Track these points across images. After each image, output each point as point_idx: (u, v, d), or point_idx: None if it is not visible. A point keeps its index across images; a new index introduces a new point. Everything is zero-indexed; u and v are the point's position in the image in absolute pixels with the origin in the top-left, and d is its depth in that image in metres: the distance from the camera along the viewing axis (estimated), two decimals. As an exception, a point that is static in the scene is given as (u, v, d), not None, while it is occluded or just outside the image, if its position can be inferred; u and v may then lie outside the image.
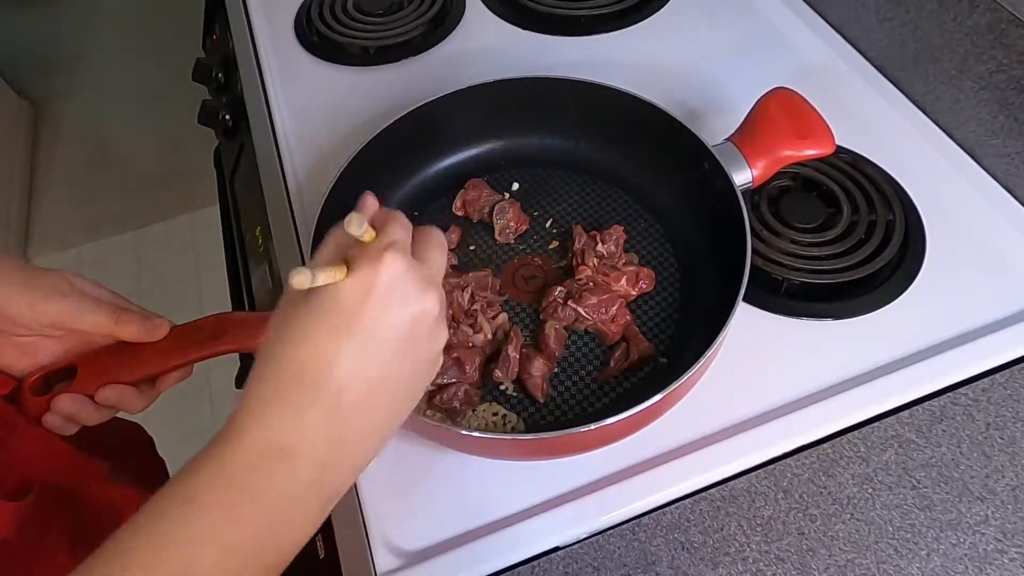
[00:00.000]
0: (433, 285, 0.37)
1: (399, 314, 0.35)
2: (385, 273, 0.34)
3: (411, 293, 0.35)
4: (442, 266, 0.39)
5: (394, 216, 0.38)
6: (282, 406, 0.33)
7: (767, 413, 0.55)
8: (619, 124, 0.66)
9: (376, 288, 0.34)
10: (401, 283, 0.35)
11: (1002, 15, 0.62)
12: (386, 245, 0.35)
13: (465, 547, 0.50)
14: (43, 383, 0.47)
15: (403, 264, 0.35)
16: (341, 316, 0.33)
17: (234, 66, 0.88)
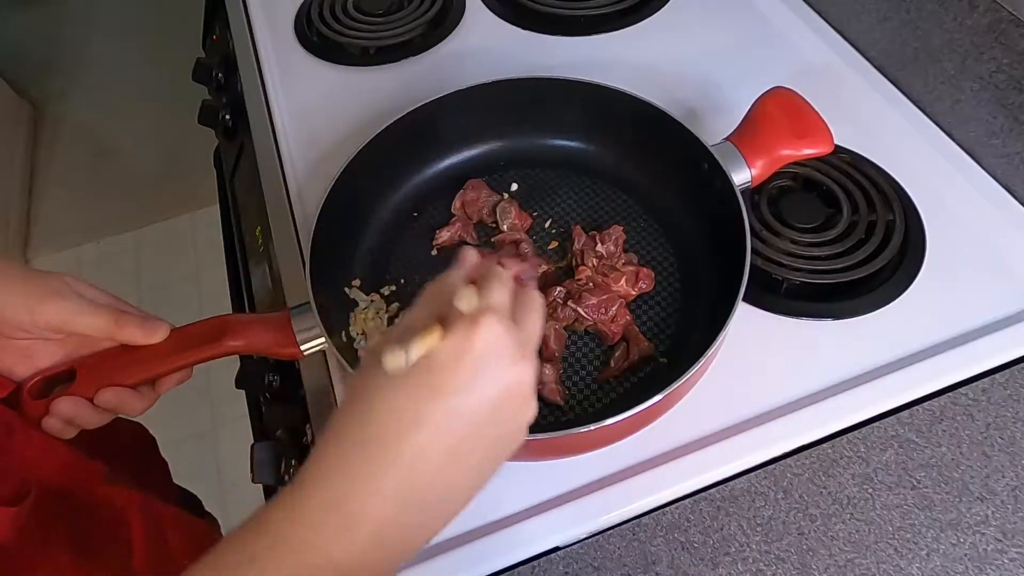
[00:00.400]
0: (529, 354, 0.35)
1: (492, 382, 0.33)
2: (482, 338, 0.32)
3: (505, 361, 0.33)
4: (539, 332, 0.37)
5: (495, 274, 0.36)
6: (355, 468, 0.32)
7: (767, 413, 0.55)
8: (618, 124, 0.66)
9: (471, 353, 0.32)
10: (496, 349, 0.33)
11: (1002, 15, 0.62)
12: (485, 307, 0.33)
13: (465, 547, 0.50)
14: (42, 386, 0.47)
15: (501, 329, 0.33)
16: (430, 378, 0.32)
17: (234, 66, 0.88)
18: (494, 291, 0.35)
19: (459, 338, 0.32)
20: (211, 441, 1.60)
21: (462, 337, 0.32)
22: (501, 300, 0.35)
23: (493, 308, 0.34)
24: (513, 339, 0.34)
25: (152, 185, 2.11)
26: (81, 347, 0.48)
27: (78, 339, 0.47)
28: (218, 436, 1.61)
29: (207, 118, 0.93)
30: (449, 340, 0.32)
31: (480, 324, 0.33)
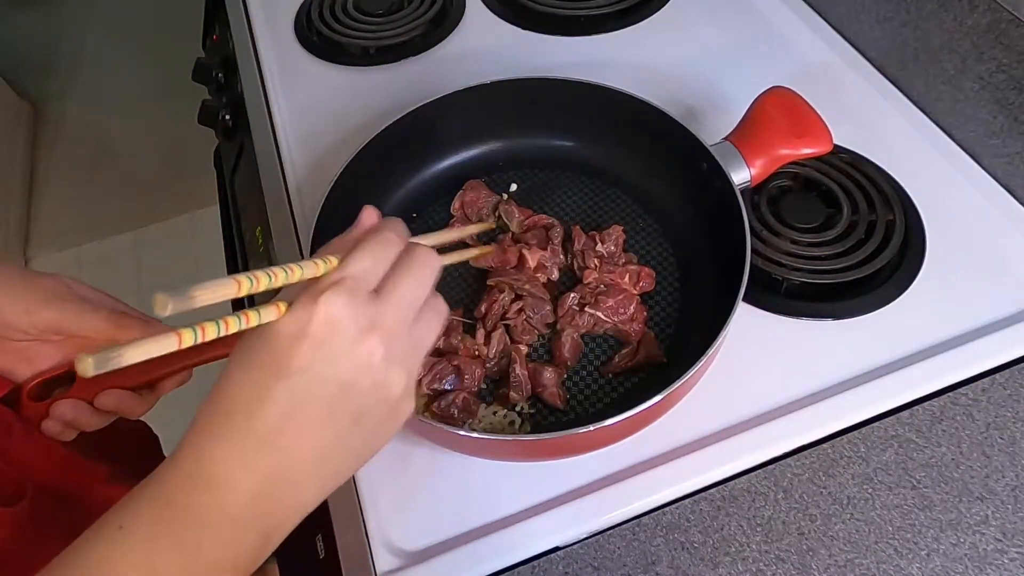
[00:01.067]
0: (375, 329, 0.33)
1: (334, 361, 0.33)
2: (317, 316, 0.32)
3: (344, 342, 0.33)
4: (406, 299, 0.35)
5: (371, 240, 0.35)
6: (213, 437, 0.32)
7: (767, 413, 0.55)
8: (617, 124, 0.66)
9: (309, 331, 0.32)
10: (335, 328, 0.32)
11: (1002, 15, 0.62)
12: (332, 282, 0.33)
13: (465, 547, 0.50)
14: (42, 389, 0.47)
15: (340, 306, 0.32)
16: (271, 356, 0.32)
17: (234, 66, 0.88)
18: (356, 259, 0.34)
19: (296, 315, 0.32)
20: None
21: (300, 314, 0.32)
22: (360, 268, 0.34)
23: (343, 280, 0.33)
24: (358, 313, 0.33)
25: (152, 185, 2.11)
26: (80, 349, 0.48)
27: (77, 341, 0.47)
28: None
29: (207, 118, 0.93)
30: (287, 318, 0.32)
31: (318, 302, 0.32)
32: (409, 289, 0.35)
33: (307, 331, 0.32)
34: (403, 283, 0.35)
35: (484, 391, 0.57)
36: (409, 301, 0.35)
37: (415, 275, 0.36)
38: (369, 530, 0.51)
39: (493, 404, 0.56)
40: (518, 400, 0.55)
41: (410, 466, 0.54)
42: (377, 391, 0.34)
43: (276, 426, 0.32)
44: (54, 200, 2.13)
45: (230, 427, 0.32)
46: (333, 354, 0.32)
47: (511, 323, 0.58)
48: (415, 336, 0.36)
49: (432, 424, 0.49)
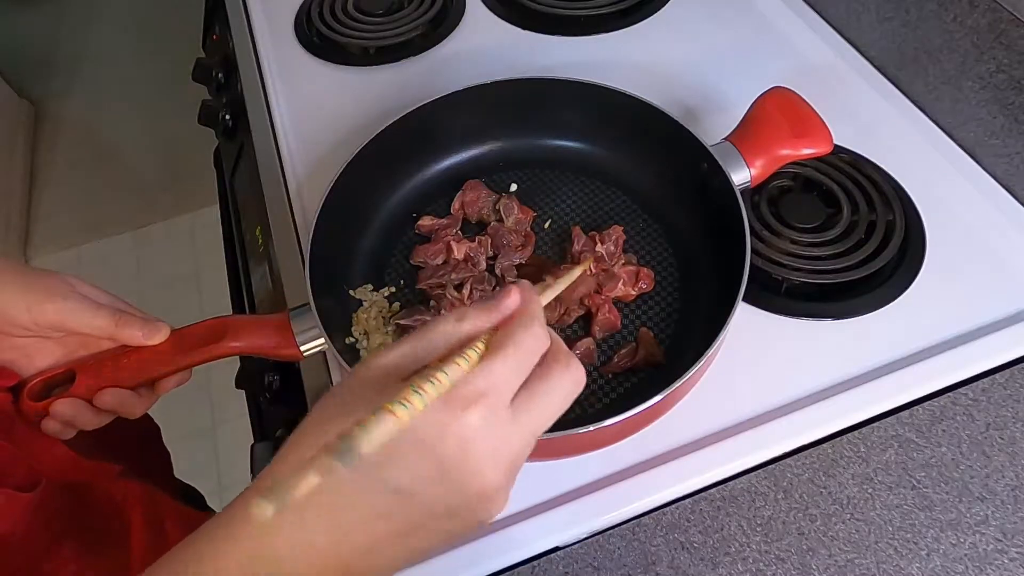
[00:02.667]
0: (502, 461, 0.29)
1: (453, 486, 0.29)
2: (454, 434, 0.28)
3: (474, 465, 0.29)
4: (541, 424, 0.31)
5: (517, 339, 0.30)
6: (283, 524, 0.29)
7: (767, 413, 0.55)
8: (617, 124, 0.66)
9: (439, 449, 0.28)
10: (467, 451, 0.28)
11: (1002, 15, 0.62)
12: (476, 393, 0.28)
13: (465, 547, 0.50)
14: (42, 388, 0.47)
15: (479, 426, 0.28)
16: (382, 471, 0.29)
17: (234, 66, 0.88)
18: (500, 366, 0.29)
19: (433, 421, 0.28)
20: (211, 441, 1.60)
21: (437, 421, 0.28)
22: (503, 381, 0.29)
23: (486, 393, 0.29)
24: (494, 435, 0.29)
25: (152, 185, 2.11)
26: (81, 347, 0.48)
27: (78, 339, 0.47)
28: (218, 436, 1.61)
29: (207, 118, 0.93)
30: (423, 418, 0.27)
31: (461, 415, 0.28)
32: (545, 414, 0.31)
33: (437, 449, 0.28)
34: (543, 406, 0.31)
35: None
36: (541, 426, 0.31)
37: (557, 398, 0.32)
38: (369, 530, 0.51)
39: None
40: None
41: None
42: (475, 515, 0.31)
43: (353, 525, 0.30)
44: (54, 200, 2.13)
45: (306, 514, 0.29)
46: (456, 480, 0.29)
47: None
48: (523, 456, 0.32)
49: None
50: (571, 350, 0.56)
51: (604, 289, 0.59)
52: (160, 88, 2.27)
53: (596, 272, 0.59)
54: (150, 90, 2.32)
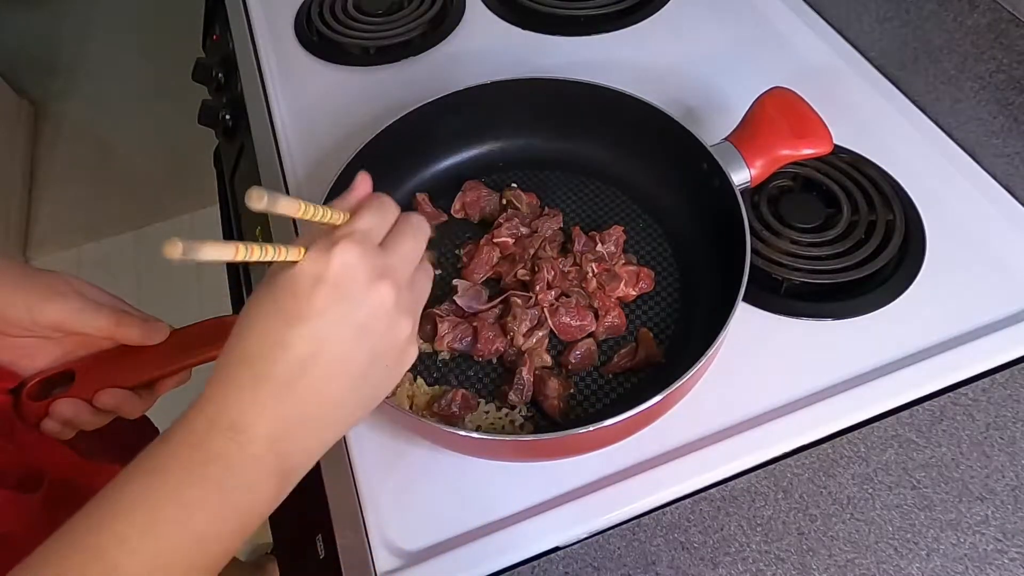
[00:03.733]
0: (388, 276, 0.36)
1: (349, 305, 0.35)
2: (335, 262, 0.34)
3: (361, 285, 0.35)
4: (409, 254, 0.39)
5: (374, 203, 0.39)
6: (234, 384, 0.34)
7: (767, 413, 0.55)
8: (617, 124, 0.66)
9: (325, 277, 0.34)
10: (350, 274, 0.35)
11: (1002, 15, 0.62)
12: (345, 233, 0.36)
13: (465, 547, 0.50)
14: (41, 388, 0.47)
15: (355, 254, 0.35)
16: (291, 301, 0.35)
17: (234, 66, 0.88)
18: (363, 216, 0.37)
19: (314, 262, 0.34)
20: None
21: (317, 261, 0.34)
22: (367, 225, 0.37)
23: (354, 233, 0.36)
24: (371, 262, 0.36)
25: (152, 185, 2.11)
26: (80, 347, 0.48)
27: (78, 338, 0.47)
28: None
29: (207, 118, 0.92)
30: (305, 263, 0.35)
31: (335, 250, 0.34)
32: (410, 246, 0.39)
33: (324, 276, 0.34)
34: (405, 241, 0.39)
35: (487, 385, 0.57)
36: (411, 257, 0.39)
37: (414, 235, 0.39)
38: (369, 530, 0.51)
39: (494, 401, 0.56)
40: (516, 403, 0.55)
41: (410, 466, 0.54)
42: (388, 335, 0.37)
43: (295, 371, 0.34)
44: (54, 200, 2.13)
45: (251, 374, 0.34)
46: (349, 298, 0.35)
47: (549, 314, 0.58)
48: (415, 290, 0.39)
49: (432, 424, 0.49)
50: (572, 350, 0.57)
51: (607, 289, 0.59)
52: (160, 88, 2.27)
53: (597, 272, 0.59)
54: (150, 90, 2.32)
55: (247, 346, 0.35)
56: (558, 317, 0.57)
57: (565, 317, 0.57)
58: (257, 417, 0.34)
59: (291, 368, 0.34)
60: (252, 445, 0.34)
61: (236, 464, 0.34)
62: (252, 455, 0.34)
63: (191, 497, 0.33)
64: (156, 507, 0.33)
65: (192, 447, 0.34)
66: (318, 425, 0.36)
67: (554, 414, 0.54)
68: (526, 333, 0.57)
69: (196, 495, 0.33)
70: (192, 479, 0.33)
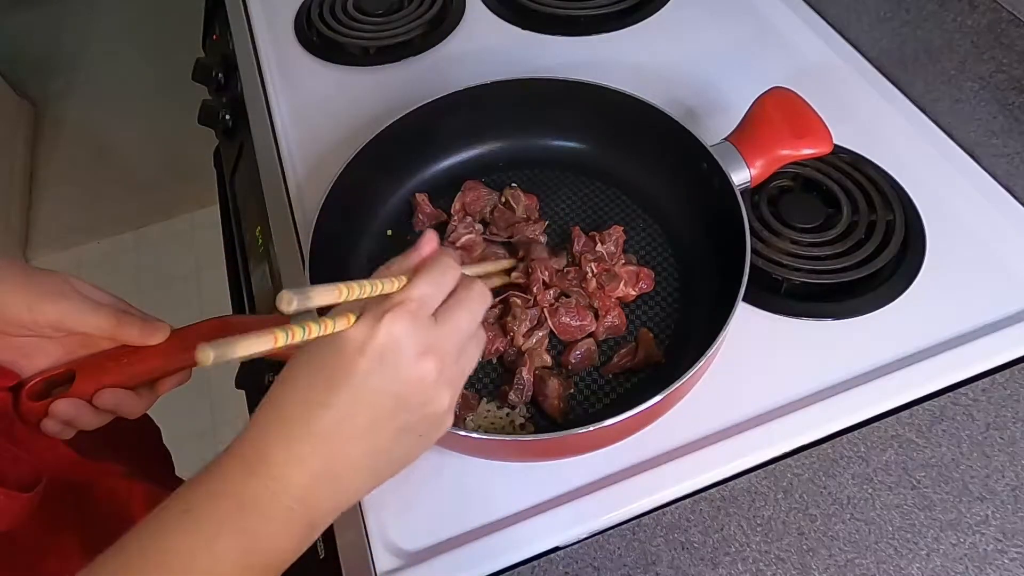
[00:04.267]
0: (434, 352, 0.36)
1: (391, 376, 0.35)
2: (381, 332, 0.35)
3: (404, 360, 0.35)
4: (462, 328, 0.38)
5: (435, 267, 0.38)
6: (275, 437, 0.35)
7: (767, 413, 0.55)
8: (617, 124, 0.66)
9: (369, 347, 0.35)
10: (396, 347, 0.35)
11: (1002, 15, 0.62)
12: (397, 303, 0.35)
13: (465, 547, 0.50)
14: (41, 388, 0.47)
15: (402, 327, 0.35)
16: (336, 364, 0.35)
17: (234, 66, 0.88)
18: (419, 284, 0.37)
19: (364, 328, 0.35)
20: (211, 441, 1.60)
21: (366, 327, 0.35)
22: (424, 293, 0.37)
23: (407, 302, 0.36)
24: (418, 337, 0.36)
25: (152, 185, 2.11)
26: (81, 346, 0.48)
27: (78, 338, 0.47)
28: (218, 436, 1.61)
29: (207, 118, 0.92)
30: (354, 330, 0.35)
31: (384, 319, 0.35)
32: (464, 320, 0.38)
33: (370, 345, 0.35)
34: (460, 314, 0.38)
35: (487, 385, 0.57)
36: (463, 331, 0.38)
37: (470, 308, 0.39)
38: (369, 530, 0.51)
39: (494, 401, 0.56)
40: (516, 403, 0.55)
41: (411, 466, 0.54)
42: (425, 408, 0.37)
43: (332, 429, 0.35)
44: (54, 200, 2.13)
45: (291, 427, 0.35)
46: (392, 369, 0.35)
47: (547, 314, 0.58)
48: (462, 362, 0.39)
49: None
50: (572, 350, 0.57)
51: (607, 289, 0.59)
52: (160, 88, 2.27)
53: (597, 272, 0.59)
54: (150, 90, 2.32)
55: (288, 403, 0.36)
56: (558, 317, 0.57)
57: (565, 317, 0.57)
58: (291, 469, 0.35)
59: (326, 427, 0.35)
60: (285, 496, 0.35)
61: (268, 513, 0.35)
62: (284, 506, 0.35)
63: (223, 547, 0.34)
64: (190, 556, 0.33)
65: (227, 495, 0.35)
66: (344, 483, 0.37)
67: (554, 414, 0.54)
68: (526, 333, 0.57)
69: (228, 545, 0.34)
70: (224, 528, 0.34)
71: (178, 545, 0.34)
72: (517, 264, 0.61)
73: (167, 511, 0.34)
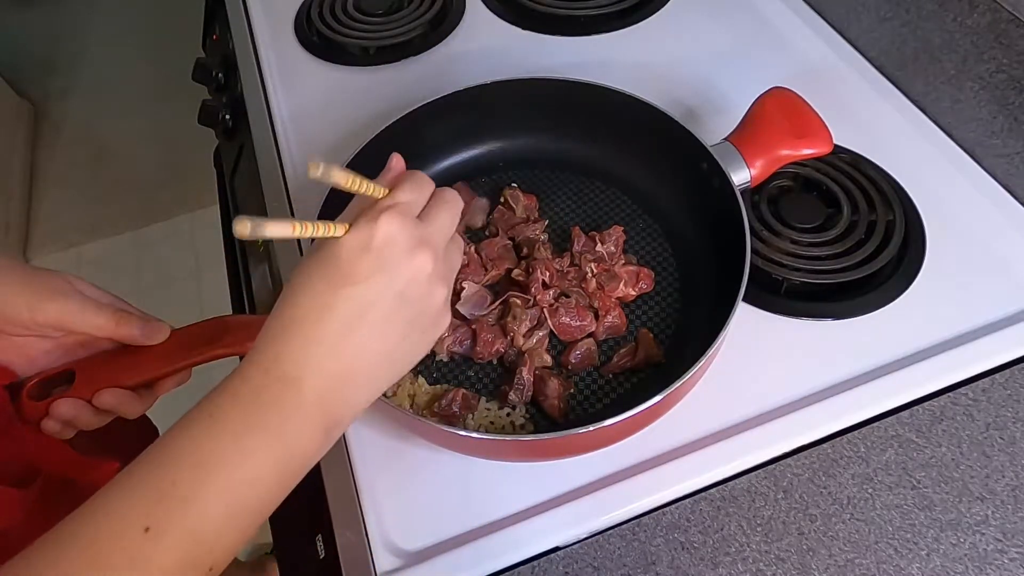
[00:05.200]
0: (426, 245, 0.39)
1: (392, 272, 0.37)
2: (379, 232, 0.37)
3: (402, 253, 0.38)
4: (445, 226, 0.41)
5: (411, 178, 0.41)
6: (288, 341, 0.37)
7: (767, 413, 0.55)
8: (617, 125, 0.66)
9: (370, 246, 0.37)
10: (392, 243, 0.37)
11: (1002, 15, 0.62)
12: (387, 206, 0.38)
13: (465, 547, 0.50)
14: (41, 388, 0.47)
15: (397, 225, 0.37)
16: (337, 269, 0.37)
17: (234, 66, 0.88)
18: (402, 190, 0.40)
19: (360, 232, 0.37)
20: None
21: (362, 231, 0.37)
22: (407, 198, 0.40)
23: (396, 205, 0.38)
24: (411, 232, 0.38)
25: (152, 185, 2.11)
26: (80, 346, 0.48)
27: (78, 338, 0.47)
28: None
29: (207, 118, 0.92)
30: (351, 234, 0.37)
31: (378, 221, 0.37)
32: (445, 218, 0.42)
33: (369, 245, 0.37)
34: (441, 213, 0.41)
35: (487, 385, 0.57)
36: (446, 228, 0.41)
37: (448, 209, 0.42)
38: (369, 530, 0.51)
39: (494, 400, 0.56)
40: (516, 403, 0.55)
41: (410, 466, 0.54)
42: (424, 301, 0.40)
43: (341, 331, 0.37)
44: (54, 200, 2.12)
45: (301, 332, 0.37)
46: (391, 266, 0.37)
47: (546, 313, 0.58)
48: (449, 259, 0.42)
49: (432, 424, 0.49)
50: (572, 350, 0.57)
51: (607, 289, 0.59)
52: (160, 88, 2.27)
53: (597, 272, 0.59)
54: (150, 90, 2.32)
55: (296, 308, 0.37)
56: (558, 317, 0.57)
57: (565, 317, 0.57)
58: (308, 371, 0.36)
59: (337, 328, 0.37)
60: (304, 397, 0.36)
61: (290, 413, 0.36)
62: (304, 406, 0.36)
63: (252, 444, 0.35)
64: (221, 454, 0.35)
65: (249, 396, 0.36)
66: (359, 383, 0.39)
67: (554, 414, 0.54)
68: (526, 333, 0.57)
69: (256, 442, 0.35)
70: (250, 426, 0.35)
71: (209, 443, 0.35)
72: (518, 264, 0.61)
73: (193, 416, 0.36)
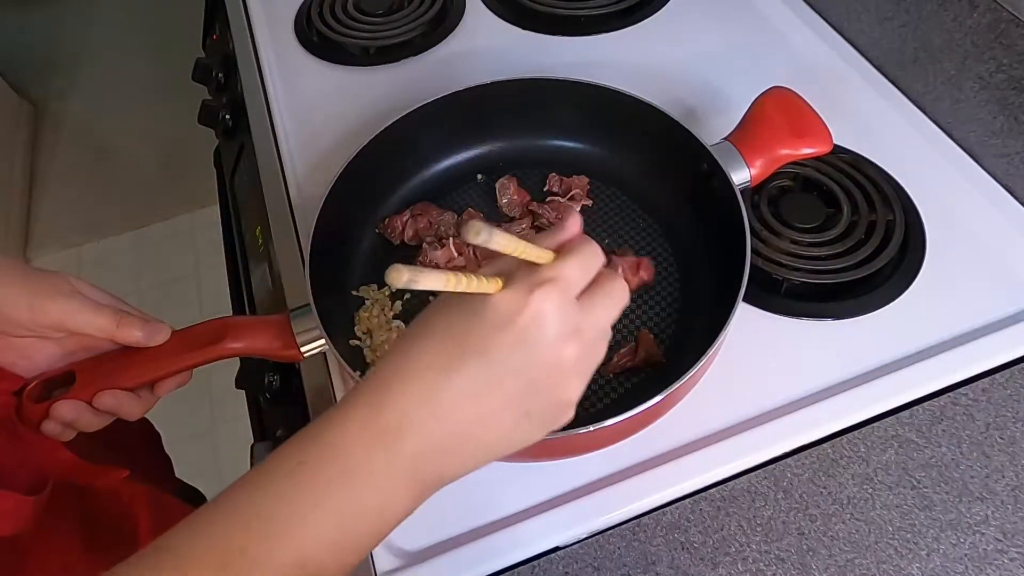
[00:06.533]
0: (577, 336, 0.34)
1: (532, 354, 0.33)
2: (532, 306, 0.32)
3: (549, 338, 0.33)
4: (602, 320, 0.36)
5: (582, 250, 0.35)
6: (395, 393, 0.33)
7: (767, 413, 0.55)
8: (617, 124, 0.66)
9: (517, 319, 0.32)
10: (543, 323, 0.33)
11: (1002, 15, 0.62)
12: (548, 278, 0.33)
13: (465, 547, 0.50)
14: (42, 390, 0.47)
15: (553, 305, 0.33)
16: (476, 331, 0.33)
17: (234, 66, 0.88)
18: (570, 263, 0.34)
19: (511, 299, 0.32)
20: (211, 441, 1.60)
21: (514, 299, 0.32)
22: (572, 275, 0.34)
23: (558, 280, 0.33)
24: (566, 318, 0.33)
25: (152, 185, 2.11)
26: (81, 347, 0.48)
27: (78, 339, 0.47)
28: (218, 436, 1.61)
29: (207, 118, 0.92)
30: (502, 297, 0.33)
31: (534, 294, 0.32)
32: (607, 310, 0.36)
33: (516, 320, 0.32)
34: (604, 303, 0.36)
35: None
36: (602, 322, 0.36)
37: (613, 303, 0.36)
38: (369, 530, 0.51)
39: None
40: None
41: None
42: (554, 393, 0.35)
43: (458, 400, 0.33)
44: (54, 200, 2.13)
45: (415, 388, 0.33)
46: (534, 348, 0.33)
47: None
48: (595, 354, 0.36)
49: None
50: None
51: None
52: (160, 88, 2.27)
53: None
54: (150, 90, 2.32)
55: (415, 360, 0.33)
56: None
57: None
58: (411, 431, 0.33)
59: (456, 396, 0.33)
60: (399, 457, 0.33)
61: (379, 474, 0.33)
62: (397, 467, 0.33)
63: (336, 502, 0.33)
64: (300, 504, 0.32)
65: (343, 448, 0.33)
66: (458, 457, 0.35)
67: None
68: None
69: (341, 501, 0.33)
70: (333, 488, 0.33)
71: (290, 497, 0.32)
72: None
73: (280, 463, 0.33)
